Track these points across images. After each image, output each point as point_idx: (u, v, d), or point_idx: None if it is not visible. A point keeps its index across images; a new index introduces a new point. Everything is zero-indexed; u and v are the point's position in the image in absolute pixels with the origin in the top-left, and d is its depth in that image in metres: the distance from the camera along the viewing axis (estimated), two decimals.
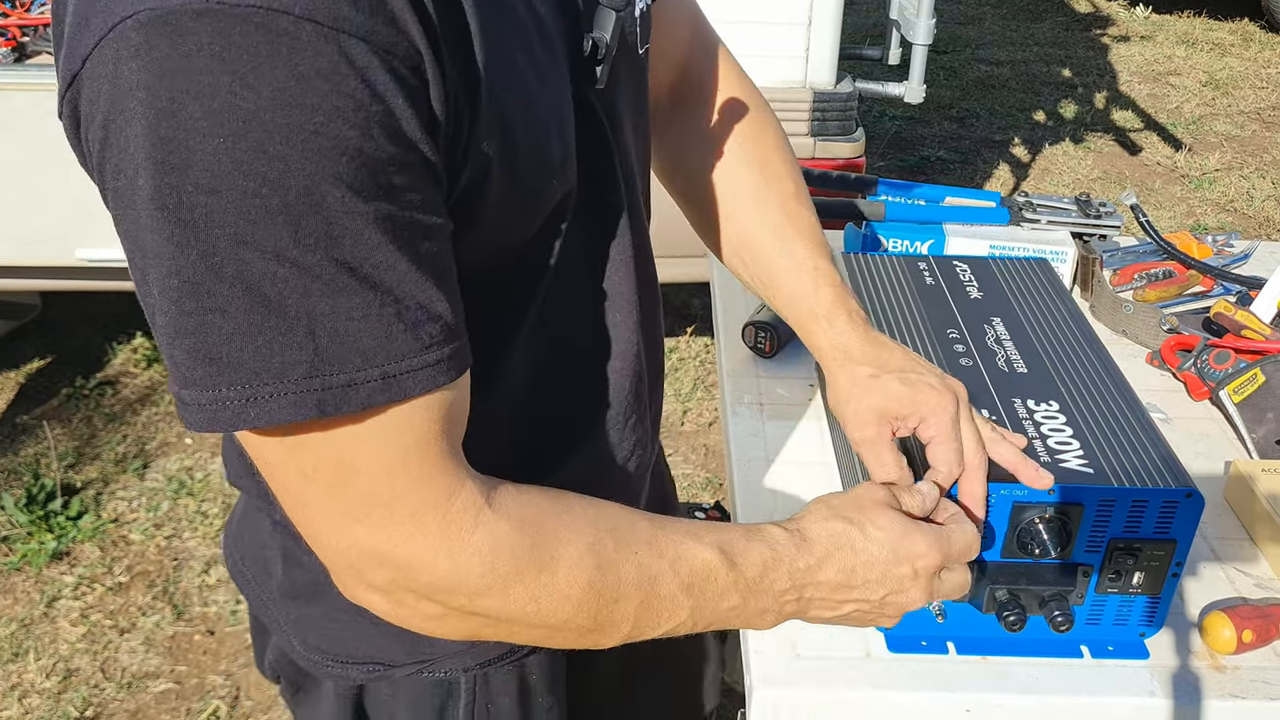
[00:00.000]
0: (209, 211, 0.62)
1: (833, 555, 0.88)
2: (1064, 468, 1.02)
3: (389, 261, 0.67)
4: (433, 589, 0.76)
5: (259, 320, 0.65)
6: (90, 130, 0.65)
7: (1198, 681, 1.04)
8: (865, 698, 1.03)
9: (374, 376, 0.68)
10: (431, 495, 0.74)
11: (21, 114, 2.60)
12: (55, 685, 2.47)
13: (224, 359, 0.66)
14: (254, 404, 0.66)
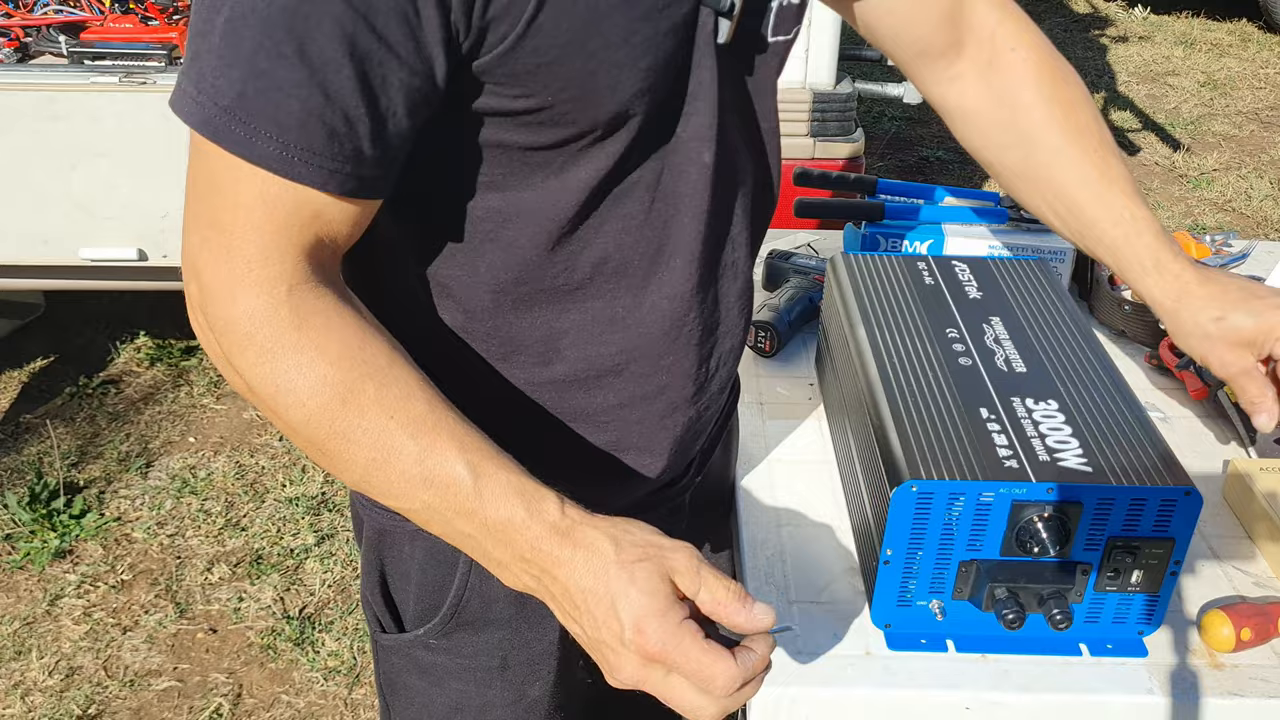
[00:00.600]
0: None
1: (578, 562, 0.83)
2: (1062, 466, 1.02)
3: (338, 65, 0.76)
4: (212, 321, 0.84)
5: (220, 47, 0.77)
6: None
7: (1196, 679, 1.05)
8: (865, 695, 1.03)
9: (274, 143, 0.78)
10: (254, 248, 0.81)
11: (25, 114, 2.60)
12: (58, 683, 2.48)
13: (194, 61, 0.79)
14: (188, 100, 0.79)
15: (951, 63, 1.22)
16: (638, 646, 0.80)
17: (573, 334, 1.01)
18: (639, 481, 1.11)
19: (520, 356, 1.02)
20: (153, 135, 2.64)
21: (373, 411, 0.83)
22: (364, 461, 0.84)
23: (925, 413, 1.10)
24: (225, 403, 3.37)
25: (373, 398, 0.83)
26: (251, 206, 0.81)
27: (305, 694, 2.48)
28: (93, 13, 2.80)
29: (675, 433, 1.10)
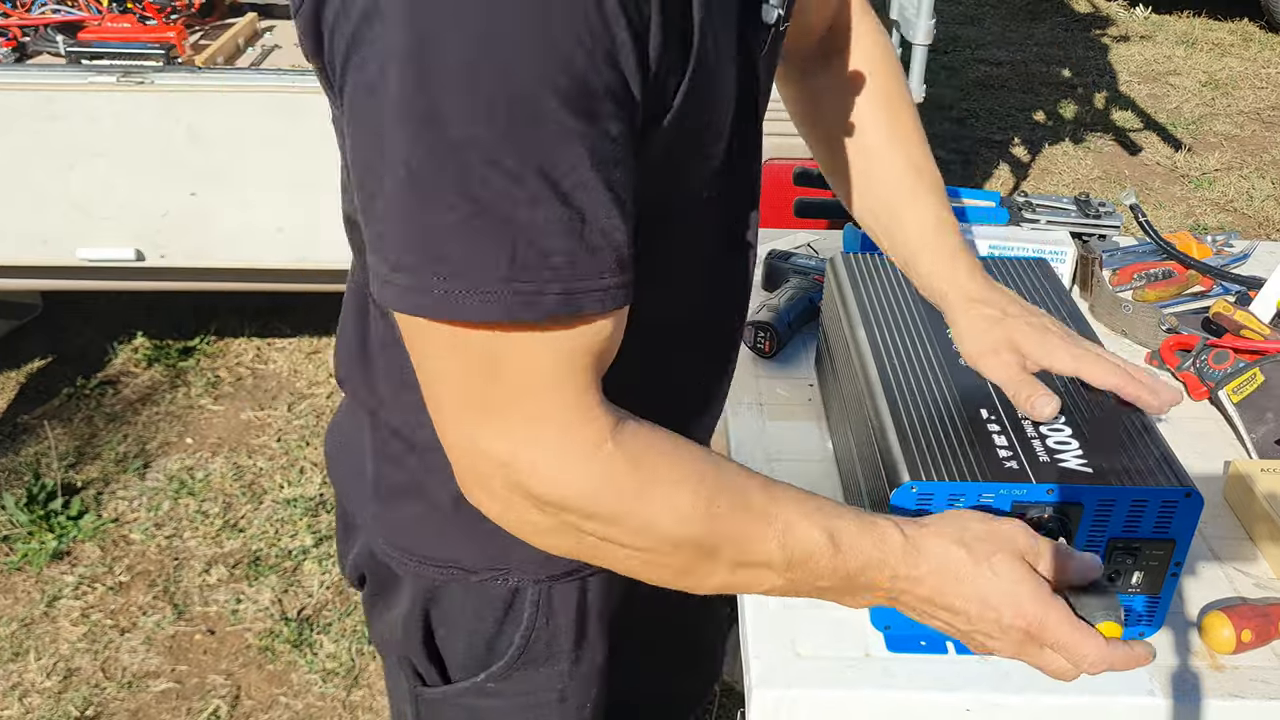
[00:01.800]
0: (444, 111, 0.68)
1: (937, 575, 0.89)
2: (1063, 467, 1.02)
3: (586, 182, 0.72)
4: (543, 501, 0.80)
5: (469, 220, 0.70)
6: (341, 24, 0.71)
7: (1197, 681, 1.04)
8: (865, 697, 1.03)
9: (557, 290, 0.73)
10: (565, 414, 0.79)
11: (22, 114, 2.60)
12: (56, 685, 2.47)
13: (432, 250, 0.71)
14: (451, 297, 0.72)
15: (817, 68, 1.24)
16: (1020, 630, 0.88)
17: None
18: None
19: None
20: (150, 135, 2.64)
21: (728, 521, 0.84)
22: (729, 568, 0.86)
23: (925, 414, 1.10)
24: (223, 403, 3.37)
25: (723, 507, 0.84)
26: (545, 369, 0.77)
27: (303, 696, 2.47)
28: (90, 12, 2.80)
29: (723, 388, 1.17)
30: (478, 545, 1.06)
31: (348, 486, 1.17)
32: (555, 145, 0.70)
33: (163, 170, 2.67)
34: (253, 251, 2.78)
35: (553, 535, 0.84)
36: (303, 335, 3.67)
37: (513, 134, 0.69)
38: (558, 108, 0.69)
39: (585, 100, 0.70)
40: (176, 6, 2.87)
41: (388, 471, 1.09)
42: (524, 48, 0.68)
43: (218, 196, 2.71)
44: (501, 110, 0.68)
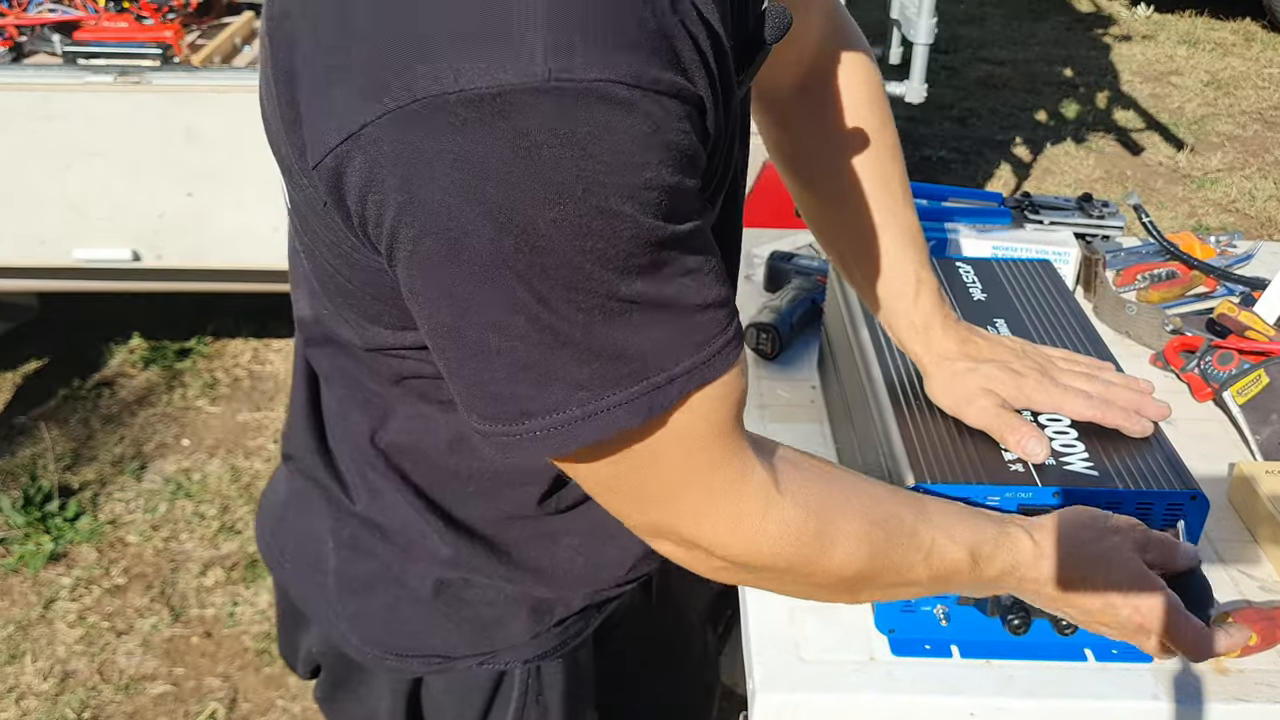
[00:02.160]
0: (546, 268, 0.66)
1: (1066, 579, 0.93)
2: (1068, 470, 1.01)
3: (692, 267, 0.72)
4: (726, 560, 0.82)
5: (595, 348, 0.70)
6: (375, 192, 0.67)
7: (1201, 685, 1.04)
8: (869, 701, 1.02)
9: (686, 369, 0.73)
10: (727, 478, 0.79)
11: (18, 114, 2.59)
12: (53, 687, 2.46)
13: (568, 381, 0.71)
14: (595, 418, 0.72)
15: (795, 90, 1.19)
16: (1135, 624, 0.93)
17: None
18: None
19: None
20: (147, 135, 2.63)
21: (889, 550, 0.87)
22: (885, 588, 0.90)
23: (929, 415, 1.09)
24: (219, 405, 3.36)
25: (882, 538, 0.86)
26: (701, 445, 0.77)
27: (301, 699, 2.46)
28: (87, 12, 2.79)
29: None
30: (461, 632, 1.03)
31: (298, 577, 1.10)
32: (667, 261, 0.70)
33: (159, 170, 2.67)
34: (250, 252, 2.77)
35: (724, 574, 0.86)
36: None
37: (627, 270, 0.68)
38: (663, 230, 0.69)
39: (683, 208, 0.70)
40: (173, 6, 2.86)
41: (354, 561, 1.04)
42: (623, 200, 0.66)
43: (214, 197, 2.70)
44: (610, 259, 0.67)
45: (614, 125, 0.64)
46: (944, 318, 1.15)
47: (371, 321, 0.86)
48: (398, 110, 0.64)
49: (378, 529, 1.02)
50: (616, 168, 0.65)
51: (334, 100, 0.68)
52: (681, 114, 0.67)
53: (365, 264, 0.78)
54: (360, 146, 0.66)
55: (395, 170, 0.65)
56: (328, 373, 1.00)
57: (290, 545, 1.11)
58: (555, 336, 0.69)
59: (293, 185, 0.79)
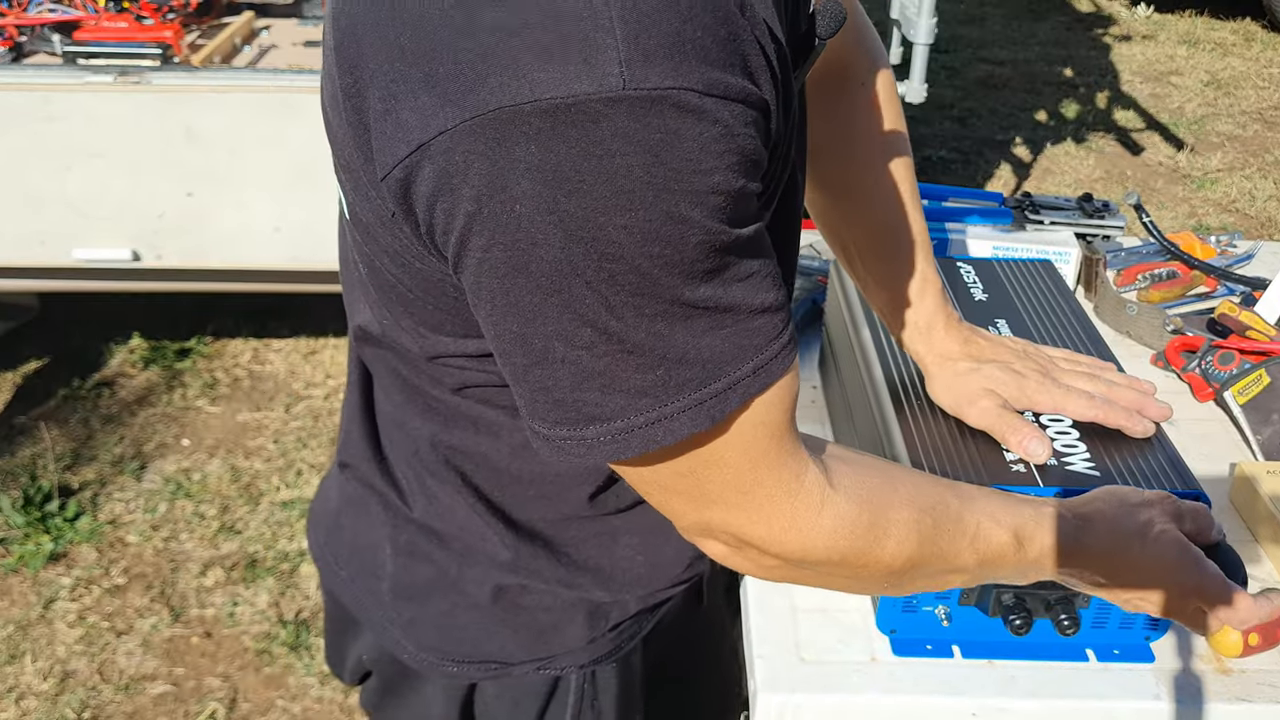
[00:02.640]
0: (614, 274, 0.67)
1: (1108, 555, 0.92)
2: (1069, 470, 1.01)
3: (753, 270, 0.72)
4: (781, 558, 0.82)
5: (660, 354, 0.71)
6: (445, 200, 0.68)
7: (1203, 685, 1.04)
8: (870, 702, 1.02)
9: (748, 372, 0.73)
10: (784, 478, 0.79)
11: (18, 114, 2.59)
12: (52, 687, 2.46)
13: (633, 389, 0.71)
14: (660, 424, 0.72)
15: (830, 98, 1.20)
16: (1177, 597, 0.93)
17: None
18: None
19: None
20: (147, 135, 2.63)
21: (938, 538, 0.87)
22: (933, 575, 0.89)
23: (930, 415, 1.09)
24: (219, 405, 3.36)
25: (931, 526, 0.86)
26: (763, 450, 0.78)
27: (301, 699, 2.46)
28: (87, 12, 2.79)
29: None
30: (519, 638, 1.04)
31: (347, 582, 1.11)
32: (732, 264, 0.71)
33: (159, 170, 2.66)
34: (250, 252, 2.77)
35: (777, 572, 0.85)
36: (300, 336, 3.66)
37: (693, 276, 0.69)
38: (730, 234, 0.69)
39: (746, 211, 0.71)
40: (173, 6, 2.86)
41: (412, 568, 1.05)
42: (694, 205, 0.66)
43: (215, 197, 2.70)
44: (679, 265, 0.68)
45: (685, 132, 0.65)
46: (947, 318, 1.15)
47: (432, 330, 0.87)
48: (472, 120, 0.64)
49: (435, 535, 1.03)
50: (687, 174, 0.65)
51: (403, 113, 0.68)
52: (749, 119, 0.68)
53: (429, 273, 0.78)
54: (430, 156, 0.66)
55: (467, 180, 0.66)
56: (386, 379, 1.00)
57: (345, 553, 1.11)
58: (621, 344, 0.70)
59: (356, 193, 0.79)
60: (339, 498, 1.12)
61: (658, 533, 1.04)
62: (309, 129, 2.61)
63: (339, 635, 1.18)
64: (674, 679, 1.28)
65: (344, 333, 3.63)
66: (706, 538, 0.83)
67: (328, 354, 3.58)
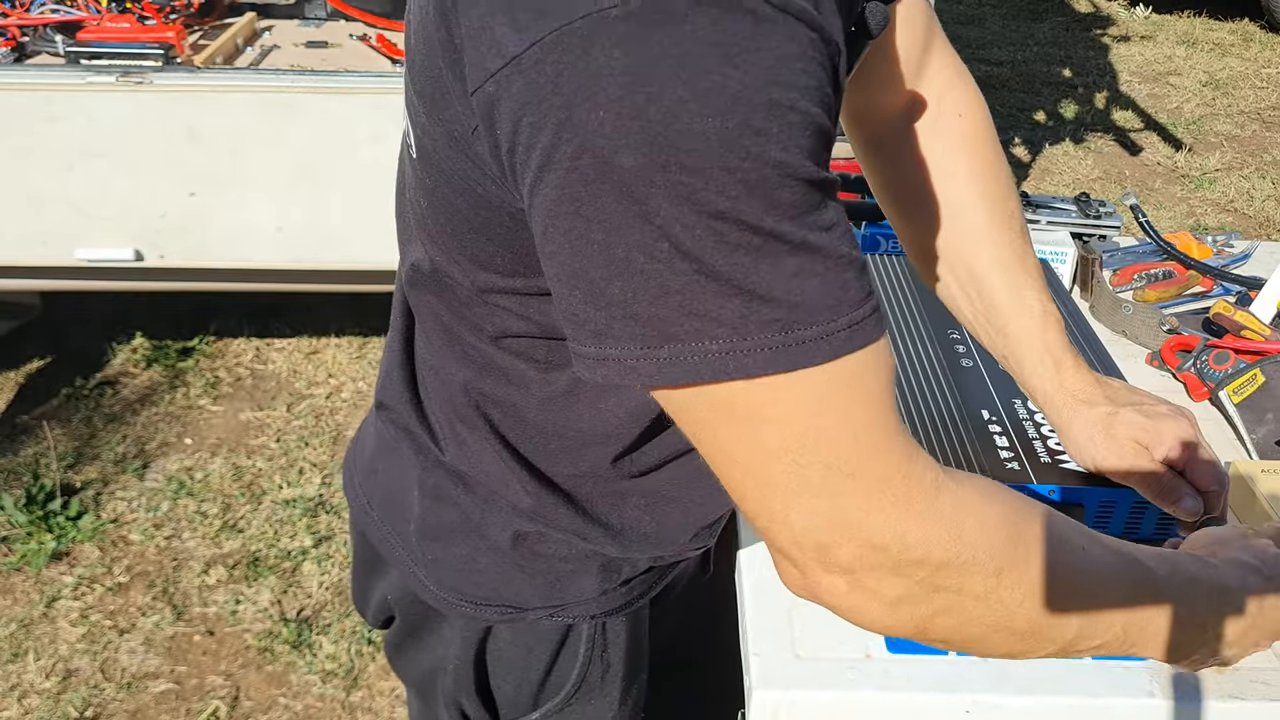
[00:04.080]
0: (694, 190, 0.66)
1: (1248, 611, 0.88)
2: (1064, 468, 1.01)
3: (835, 221, 0.71)
4: (900, 561, 0.75)
5: (739, 284, 0.68)
6: (532, 112, 0.68)
7: (1197, 682, 1.04)
8: (865, 699, 1.02)
9: (841, 326, 0.70)
10: (894, 459, 0.74)
11: (21, 114, 2.59)
12: (55, 685, 2.47)
13: (709, 314, 0.69)
14: (734, 356, 0.69)
15: (903, 133, 1.18)
16: None
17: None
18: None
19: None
20: (149, 135, 2.63)
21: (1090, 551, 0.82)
22: (1077, 625, 0.81)
23: (927, 414, 1.09)
24: (222, 404, 3.36)
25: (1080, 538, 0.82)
26: (864, 420, 0.72)
27: (303, 697, 2.47)
28: (89, 12, 2.80)
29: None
30: (534, 584, 1.06)
31: (378, 522, 1.13)
32: (811, 200, 0.69)
33: (162, 170, 2.67)
34: (252, 251, 2.78)
35: (905, 606, 0.77)
36: (302, 336, 3.66)
37: (772, 201, 0.67)
38: (808, 165, 0.68)
39: (823, 151, 0.70)
40: (175, 6, 2.87)
41: (437, 510, 1.07)
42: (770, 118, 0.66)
43: (217, 196, 2.71)
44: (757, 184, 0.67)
45: (762, 42, 0.66)
46: (1074, 355, 1.11)
47: (482, 266, 0.87)
48: (561, 29, 0.65)
49: (462, 479, 1.04)
50: (765, 84, 0.66)
51: (498, 28, 0.69)
52: (821, 50, 0.69)
53: (491, 200, 0.79)
54: (522, 70, 0.67)
55: (558, 88, 0.66)
56: (428, 324, 1.01)
57: (378, 495, 1.14)
58: (699, 266, 0.68)
59: (431, 117, 0.80)
60: (375, 441, 1.15)
61: (663, 499, 1.05)
62: (311, 129, 2.62)
63: (365, 575, 1.20)
64: (682, 661, 1.30)
65: (345, 333, 3.64)
66: (818, 566, 0.76)
67: (330, 353, 3.59)
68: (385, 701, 2.46)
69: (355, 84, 2.60)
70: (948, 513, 0.75)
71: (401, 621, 1.16)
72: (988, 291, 1.12)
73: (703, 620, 1.31)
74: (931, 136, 1.16)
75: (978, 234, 1.13)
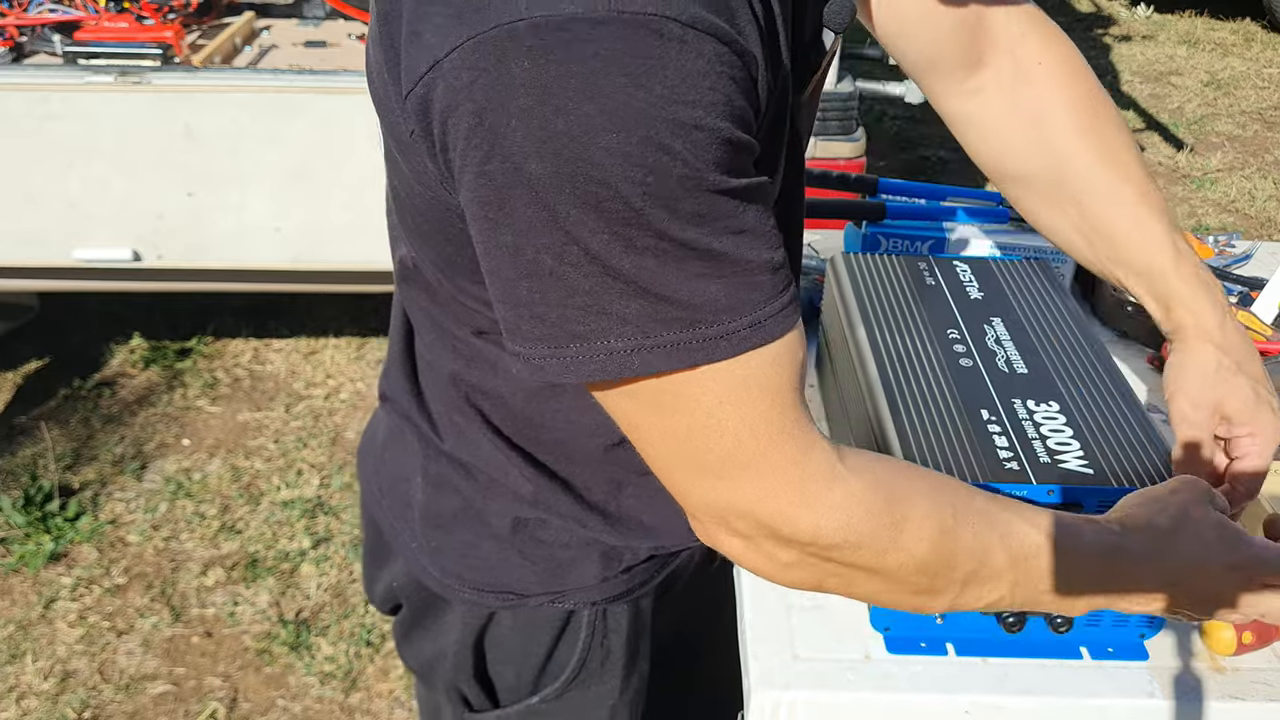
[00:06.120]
0: (600, 199, 0.69)
1: (1155, 557, 0.88)
2: (1064, 468, 1.01)
3: (746, 226, 0.74)
4: (792, 539, 0.81)
5: (644, 286, 0.72)
6: (453, 115, 0.71)
7: (1197, 683, 1.04)
8: (864, 700, 1.02)
9: (743, 325, 0.74)
10: (790, 451, 0.78)
11: (19, 114, 2.59)
12: (53, 687, 2.46)
13: (615, 314, 0.73)
14: (639, 353, 0.73)
15: (970, 75, 1.17)
16: (1245, 578, 0.88)
17: None
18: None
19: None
20: (147, 135, 2.63)
21: (961, 526, 0.84)
22: (964, 576, 0.86)
23: (925, 414, 1.09)
24: (220, 405, 3.36)
25: (952, 514, 0.84)
26: (763, 409, 0.77)
27: (301, 699, 2.46)
28: (87, 12, 2.79)
29: None
30: (536, 570, 1.07)
31: (387, 510, 1.16)
32: (718, 209, 0.72)
33: (160, 170, 2.67)
34: (250, 252, 2.77)
35: (796, 570, 0.84)
36: (300, 336, 3.66)
37: (677, 211, 0.70)
38: (715, 178, 0.71)
39: (733, 162, 0.72)
40: (174, 6, 2.86)
41: (439, 497, 1.09)
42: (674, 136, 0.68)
43: (215, 196, 2.70)
44: (661, 196, 0.70)
45: (668, 60, 0.67)
46: (1209, 289, 1.09)
47: (449, 267, 0.90)
48: (477, 37, 0.68)
49: (462, 467, 1.06)
50: (668, 102, 0.68)
51: (425, 33, 0.72)
52: (732, 63, 0.70)
53: (440, 202, 0.81)
54: (443, 74, 0.70)
55: (471, 94, 0.69)
56: (419, 317, 1.04)
57: (387, 482, 1.16)
58: (605, 268, 0.71)
59: (385, 123, 0.83)
60: (384, 431, 1.17)
61: (661, 490, 1.05)
62: (309, 129, 2.61)
63: (374, 561, 1.22)
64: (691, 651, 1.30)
65: (344, 333, 3.64)
66: (720, 528, 0.83)
67: (328, 354, 3.58)
68: (384, 703, 2.45)
69: (354, 84, 2.60)
70: (838, 502, 0.80)
71: (407, 608, 1.18)
72: (1109, 231, 1.12)
73: (711, 611, 1.31)
74: (1017, 92, 1.16)
75: (1089, 178, 1.12)
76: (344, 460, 3.14)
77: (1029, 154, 1.16)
